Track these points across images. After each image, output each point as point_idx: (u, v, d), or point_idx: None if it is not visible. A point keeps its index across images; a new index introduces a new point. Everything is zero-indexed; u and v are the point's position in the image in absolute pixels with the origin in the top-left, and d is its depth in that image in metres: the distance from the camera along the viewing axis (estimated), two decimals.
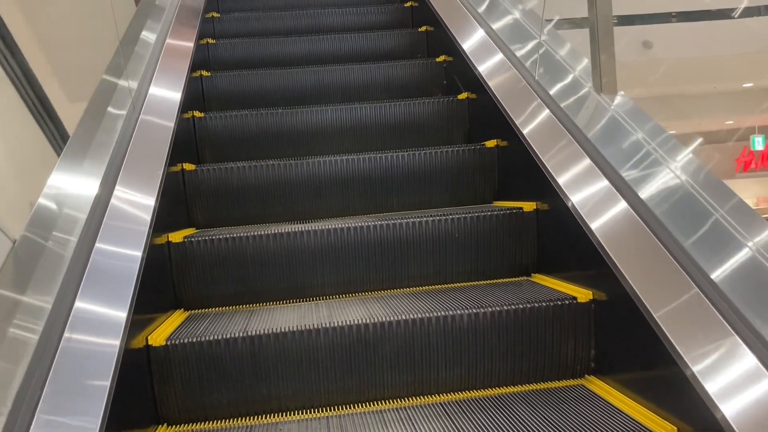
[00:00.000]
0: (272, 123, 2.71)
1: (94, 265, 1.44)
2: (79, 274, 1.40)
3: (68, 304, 1.31)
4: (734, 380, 1.16)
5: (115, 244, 1.58)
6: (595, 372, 1.68)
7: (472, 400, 1.61)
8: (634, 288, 1.43)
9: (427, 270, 2.05)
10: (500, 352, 1.67)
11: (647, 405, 1.41)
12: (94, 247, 1.50)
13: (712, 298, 1.28)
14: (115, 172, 1.79)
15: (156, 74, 2.43)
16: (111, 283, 1.47)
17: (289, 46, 3.42)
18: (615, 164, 1.70)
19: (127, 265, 1.55)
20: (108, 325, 1.35)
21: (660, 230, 1.48)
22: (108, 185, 1.72)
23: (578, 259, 1.78)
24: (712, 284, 1.30)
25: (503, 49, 2.55)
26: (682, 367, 1.24)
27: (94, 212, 1.58)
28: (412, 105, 2.75)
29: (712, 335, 1.23)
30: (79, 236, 1.49)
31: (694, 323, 1.29)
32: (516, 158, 2.23)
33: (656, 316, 1.35)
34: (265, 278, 2.00)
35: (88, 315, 1.33)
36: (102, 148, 1.85)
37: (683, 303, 1.33)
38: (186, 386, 1.60)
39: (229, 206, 2.35)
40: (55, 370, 1.17)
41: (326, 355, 1.63)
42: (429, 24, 3.44)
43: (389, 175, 2.40)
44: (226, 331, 1.63)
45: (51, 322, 1.25)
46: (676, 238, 1.43)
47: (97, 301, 1.38)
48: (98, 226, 1.56)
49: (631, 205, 1.60)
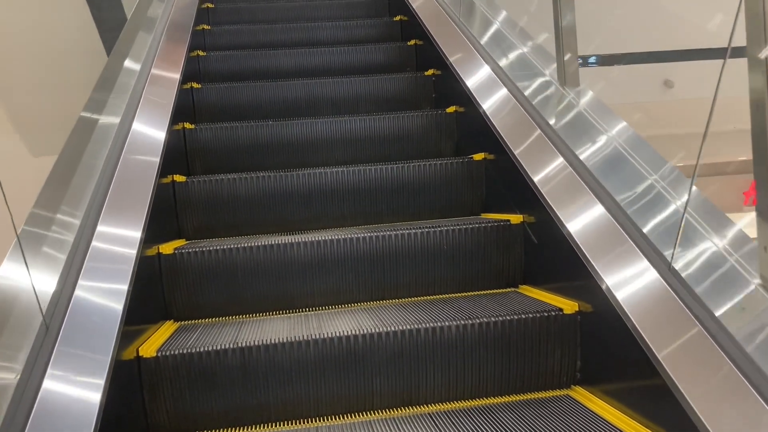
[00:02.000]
0: (263, 135, 2.73)
1: (86, 276, 1.46)
2: (71, 284, 1.41)
3: (60, 316, 1.32)
4: (716, 389, 1.19)
5: (106, 257, 1.59)
6: (581, 382, 1.70)
7: (460, 410, 1.63)
8: (618, 299, 1.46)
9: (416, 281, 2.08)
10: (488, 362, 1.70)
11: (632, 415, 1.44)
12: (85, 259, 1.51)
13: (692, 308, 1.31)
14: (105, 185, 1.81)
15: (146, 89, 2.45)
16: (102, 293, 1.48)
17: (280, 59, 3.45)
18: (599, 177, 1.74)
19: (117, 276, 1.57)
20: (99, 337, 1.36)
21: (642, 241, 1.51)
22: (99, 199, 1.74)
23: (564, 271, 1.81)
24: (693, 295, 1.33)
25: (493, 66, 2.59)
26: (664, 377, 1.27)
27: (80, 236, 1.59)
28: (402, 118, 2.78)
29: (691, 342, 1.26)
30: (69, 251, 1.50)
31: (675, 334, 1.32)
32: (503, 171, 2.27)
33: (639, 327, 1.37)
34: (255, 289, 2.01)
35: (80, 326, 1.34)
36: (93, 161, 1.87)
37: (666, 314, 1.36)
38: (176, 397, 1.60)
39: (219, 218, 2.36)
40: (45, 387, 1.17)
41: (316, 366, 1.64)
42: (418, 38, 3.48)
43: (378, 187, 2.42)
44: (217, 342, 1.64)
45: (41, 337, 1.26)
46: (658, 248, 1.46)
47: (88, 313, 1.39)
48: (88, 244, 1.57)
49: (614, 216, 1.63)
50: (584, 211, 1.73)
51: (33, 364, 1.19)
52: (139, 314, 1.65)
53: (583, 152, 1.88)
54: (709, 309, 1.28)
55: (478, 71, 2.62)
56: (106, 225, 1.67)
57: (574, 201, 1.77)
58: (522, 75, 2.38)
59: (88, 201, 1.71)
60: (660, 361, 1.29)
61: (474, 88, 2.58)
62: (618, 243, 1.57)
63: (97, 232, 1.62)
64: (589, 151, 1.87)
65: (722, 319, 1.25)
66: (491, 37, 2.75)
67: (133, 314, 1.54)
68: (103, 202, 1.74)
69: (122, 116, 2.16)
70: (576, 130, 1.98)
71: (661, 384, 1.27)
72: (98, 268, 1.52)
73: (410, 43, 3.51)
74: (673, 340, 1.31)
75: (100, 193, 1.77)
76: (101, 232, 1.63)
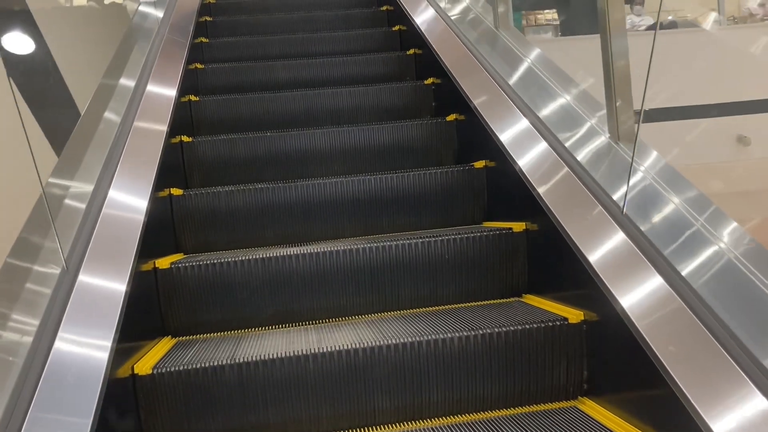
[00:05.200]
0: (262, 147, 2.70)
1: (78, 294, 1.43)
2: (62, 303, 1.38)
3: (50, 336, 1.29)
4: (727, 401, 1.15)
5: (100, 271, 1.56)
6: (588, 393, 1.66)
7: (463, 424, 1.59)
8: (624, 308, 1.42)
9: (417, 292, 2.04)
10: (492, 374, 1.65)
11: (641, 426, 1.40)
12: (78, 274, 1.48)
13: (702, 316, 1.27)
14: (101, 197, 1.78)
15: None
16: (95, 310, 1.45)
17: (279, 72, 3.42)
18: (604, 185, 1.70)
19: (111, 292, 1.53)
20: (91, 354, 1.33)
21: (649, 249, 1.48)
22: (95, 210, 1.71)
23: (568, 280, 1.77)
24: (701, 300, 1.29)
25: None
26: (674, 388, 1.23)
27: (76, 243, 1.56)
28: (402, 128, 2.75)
29: (703, 354, 1.22)
30: (62, 266, 1.47)
31: (684, 343, 1.27)
32: (504, 178, 2.23)
33: (647, 337, 1.33)
34: (253, 303, 1.98)
35: (71, 344, 1.30)
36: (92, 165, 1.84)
37: (674, 322, 1.32)
38: (173, 415, 1.57)
39: (217, 231, 2.33)
40: (37, 400, 1.14)
41: (315, 381, 1.60)
42: (417, 47, 3.46)
43: (378, 197, 2.39)
44: (214, 358, 1.60)
45: (33, 351, 1.23)
46: (666, 256, 1.43)
47: (80, 330, 1.36)
48: (81, 257, 1.54)
49: (617, 221, 1.59)
50: (588, 219, 1.69)
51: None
52: (135, 330, 1.62)
53: (586, 158, 1.84)
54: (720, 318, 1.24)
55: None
56: (96, 245, 1.63)
57: (578, 208, 1.74)
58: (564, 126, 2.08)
59: (75, 231, 1.68)
60: (668, 371, 1.24)
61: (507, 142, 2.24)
62: (622, 250, 1.53)
63: (88, 252, 1.59)
64: (590, 153, 1.84)
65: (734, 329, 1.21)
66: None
67: (128, 330, 1.51)
68: (93, 228, 1.71)
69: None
70: (576, 132, 1.95)
71: (671, 395, 1.23)
72: (91, 281, 1.49)
73: (409, 53, 3.49)
74: (681, 349, 1.27)
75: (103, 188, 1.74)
76: (92, 251, 1.60)
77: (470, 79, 2.65)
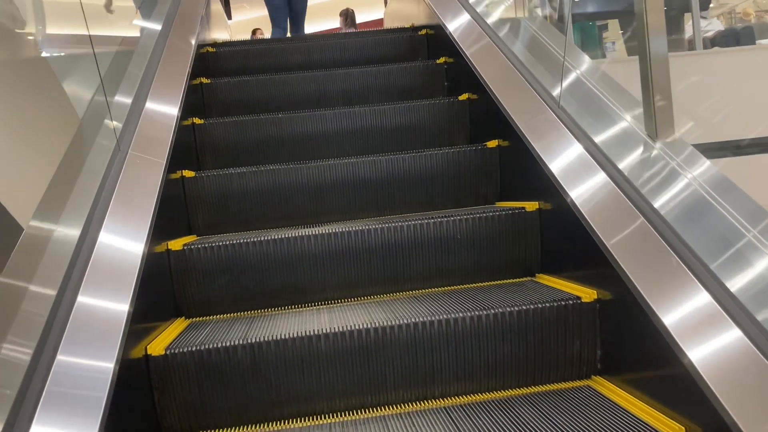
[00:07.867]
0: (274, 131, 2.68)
1: (90, 277, 1.43)
2: (76, 284, 1.39)
3: (65, 314, 1.30)
4: (741, 379, 1.13)
5: (112, 253, 1.56)
6: (601, 372, 1.65)
7: (476, 404, 1.58)
8: (638, 287, 1.40)
9: (429, 273, 2.03)
10: (504, 354, 1.65)
11: (654, 405, 1.38)
12: (91, 256, 1.49)
13: (717, 295, 1.25)
14: (112, 182, 1.79)
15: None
16: (108, 292, 1.45)
17: None
18: (614, 159, 1.68)
19: (124, 273, 1.54)
20: (104, 336, 1.33)
21: (664, 228, 1.45)
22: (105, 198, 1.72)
23: (581, 259, 1.75)
24: (717, 280, 1.27)
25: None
26: (688, 366, 1.21)
27: (86, 232, 1.56)
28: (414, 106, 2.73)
29: (717, 332, 1.21)
30: (73, 250, 1.48)
31: (698, 321, 1.26)
32: (517, 158, 2.21)
33: (660, 315, 1.32)
34: (265, 284, 1.98)
35: (84, 326, 1.31)
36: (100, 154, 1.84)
37: (687, 301, 1.30)
38: (186, 395, 1.58)
39: (229, 212, 2.34)
40: (51, 382, 1.15)
41: (327, 361, 1.60)
42: (429, 29, 3.42)
43: (390, 177, 2.38)
44: (227, 338, 1.61)
45: (45, 335, 1.24)
46: (681, 236, 1.40)
47: (94, 312, 1.36)
48: (93, 243, 1.54)
49: (634, 202, 1.57)
50: (601, 197, 1.67)
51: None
52: (148, 311, 1.62)
53: (599, 133, 1.81)
54: (735, 296, 1.22)
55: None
56: (111, 222, 1.64)
57: (591, 187, 1.71)
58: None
59: (95, 192, 1.69)
60: (683, 351, 1.23)
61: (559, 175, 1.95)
62: (637, 230, 1.51)
63: (100, 236, 1.59)
64: (603, 129, 1.81)
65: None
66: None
67: (141, 312, 1.52)
68: (109, 199, 1.71)
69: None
70: (596, 115, 1.91)
71: (685, 373, 1.22)
72: (104, 264, 1.50)
73: (422, 32, 3.46)
74: (697, 329, 1.25)
75: (106, 189, 1.75)
76: (105, 233, 1.61)
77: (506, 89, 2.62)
